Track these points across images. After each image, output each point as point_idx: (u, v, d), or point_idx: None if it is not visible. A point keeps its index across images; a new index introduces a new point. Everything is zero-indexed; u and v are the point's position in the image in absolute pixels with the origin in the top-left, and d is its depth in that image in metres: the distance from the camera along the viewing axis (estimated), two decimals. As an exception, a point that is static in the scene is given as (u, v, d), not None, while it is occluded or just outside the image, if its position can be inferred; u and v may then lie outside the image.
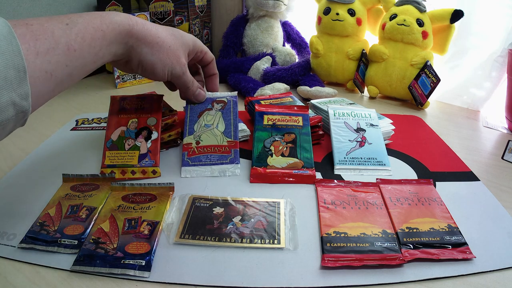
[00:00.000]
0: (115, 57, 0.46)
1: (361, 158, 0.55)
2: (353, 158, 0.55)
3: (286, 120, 0.58)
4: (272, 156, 0.54)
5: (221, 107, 0.59)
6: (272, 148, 0.55)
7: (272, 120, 0.58)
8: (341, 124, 0.60)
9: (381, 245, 0.39)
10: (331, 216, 0.43)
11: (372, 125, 0.60)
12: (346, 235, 0.40)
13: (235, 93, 0.61)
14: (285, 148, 0.55)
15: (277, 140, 0.56)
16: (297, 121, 0.58)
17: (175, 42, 0.50)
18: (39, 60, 0.35)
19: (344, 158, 0.55)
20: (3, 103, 0.32)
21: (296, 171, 0.51)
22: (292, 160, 0.53)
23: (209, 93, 0.60)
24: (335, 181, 0.50)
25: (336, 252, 0.38)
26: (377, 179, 0.50)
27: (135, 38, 0.46)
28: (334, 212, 0.44)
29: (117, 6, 1.01)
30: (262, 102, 0.67)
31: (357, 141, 0.58)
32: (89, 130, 0.66)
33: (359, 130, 0.59)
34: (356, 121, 0.60)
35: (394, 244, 0.39)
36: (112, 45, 0.44)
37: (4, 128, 0.34)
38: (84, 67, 0.41)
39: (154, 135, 0.54)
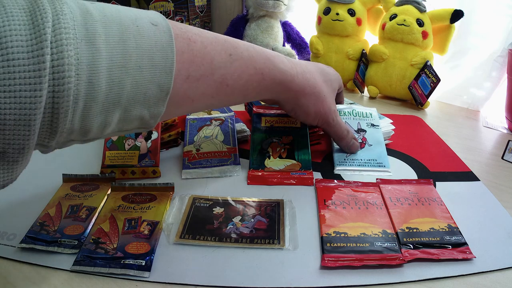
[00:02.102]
0: (262, 100, 0.45)
1: (361, 160, 0.55)
2: (353, 159, 0.55)
3: (284, 122, 0.58)
4: (269, 158, 0.54)
5: (219, 123, 0.61)
6: (269, 150, 0.55)
7: (269, 122, 0.58)
8: None
9: (381, 245, 0.39)
10: (331, 216, 0.43)
11: (373, 125, 0.60)
12: (346, 235, 0.40)
13: (232, 113, 0.64)
14: (282, 150, 0.55)
15: (275, 142, 0.56)
16: (295, 123, 0.58)
17: (328, 90, 0.49)
18: (187, 85, 0.32)
19: (344, 159, 0.55)
20: (131, 117, 0.30)
21: (294, 173, 0.51)
22: (289, 162, 0.53)
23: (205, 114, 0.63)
24: (335, 181, 0.50)
25: (336, 252, 0.38)
26: (377, 179, 0.50)
27: (294, 92, 0.44)
28: (334, 212, 0.44)
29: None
30: (262, 102, 0.67)
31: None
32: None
33: (359, 131, 0.59)
34: (357, 121, 0.60)
35: (394, 244, 0.39)
36: (266, 92, 0.42)
37: (118, 133, 0.32)
38: (227, 102, 0.39)
39: (154, 135, 0.54)
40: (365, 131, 0.59)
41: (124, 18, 0.28)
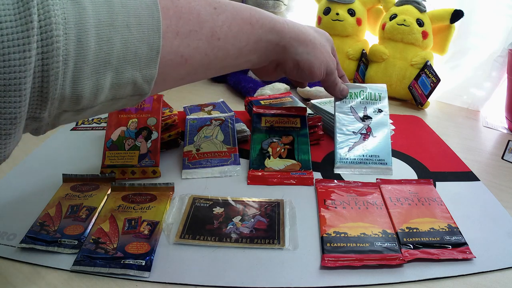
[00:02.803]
0: (260, 60, 0.42)
1: (363, 156, 0.54)
2: (354, 156, 0.54)
3: (284, 122, 0.58)
4: (269, 158, 0.54)
5: (219, 123, 0.60)
6: (269, 149, 0.55)
7: (269, 122, 0.58)
8: (347, 110, 0.57)
9: (381, 245, 0.39)
10: (331, 216, 0.43)
11: (380, 110, 0.57)
12: (346, 235, 0.40)
13: (232, 113, 0.64)
14: (282, 150, 0.55)
15: (275, 142, 0.56)
16: (295, 123, 0.58)
17: (322, 39, 0.49)
18: (177, 41, 0.31)
19: (346, 156, 0.54)
20: (124, 80, 0.29)
21: (294, 173, 0.51)
22: (289, 162, 0.53)
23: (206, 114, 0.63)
24: (335, 181, 0.50)
25: (336, 252, 0.38)
26: (377, 179, 0.50)
27: (289, 37, 0.42)
28: (334, 212, 0.44)
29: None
30: (262, 102, 0.67)
31: (361, 133, 0.56)
32: (89, 130, 0.66)
33: (365, 118, 0.57)
34: (364, 106, 0.58)
35: (394, 244, 0.39)
36: (261, 42, 0.40)
37: (113, 104, 0.31)
38: (223, 61, 0.37)
39: (154, 135, 0.54)
40: (371, 118, 0.57)
41: None
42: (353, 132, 0.56)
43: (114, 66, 0.28)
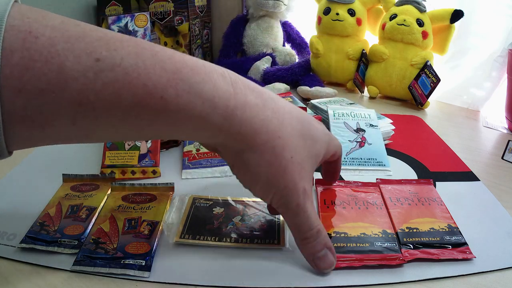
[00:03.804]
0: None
1: (361, 159, 0.55)
2: (353, 158, 0.55)
3: None
4: None
5: None
6: None
7: None
8: (340, 125, 0.60)
9: (381, 245, 0.39)
10: (331, 216, 0.43)
11: (371, 125, 0.60)
12: (346, 235, 0.40)
13: None
14: None
15: None
16: None
17: (303, 153, 0.30)
18: (21, 101, 0.21)
19: (344, 158, 0.55)
20: None
21: None
22: None
23: None
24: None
25: (336, 252, 0.38)
26: (377, 179, 0.50)
27: (234, 136, 0.27)
28: (334, 212, 0.44)
29: (117, 6, 1.01)
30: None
31: (356, 141, 0.58)
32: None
33: (358, 130, 0.59)
34: (356, 121, 0.60)
35: (394, 244, 0.39)
36: (178, 130, 0.27)
37: None
38: (109, 137, 0.27)
39: (154, 135, 0.54)
40: (364, 130, 0.59)
41: None
42: (348, 140, 0.58)
43: None
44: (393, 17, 0.82)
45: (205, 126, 0.26)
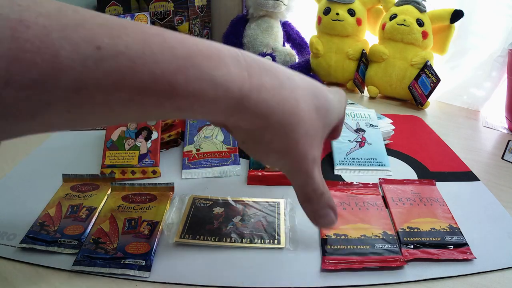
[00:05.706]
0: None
1: (361, 159, 0.55)
2: (353, 158, 0.55)
3: None
4: None
5: None
6: None
7: None
8: None
9: (381, 247, 0.38)
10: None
11: (371, 125, 0.60)
12: (346, 237, 0.40)
13: None
14: None
15: None
16: None
17: (316, 124, 0.29)
18: (7, 91, 0.19)
19: (344, 158, 0.55)
20: None
21: None
22: None
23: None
24: (339, 182, 0.50)
25: (336, 254, 0.38)
26: (379, 178, 0.50)
27: (247, 117, 0.26)
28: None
29: (117, 6, 1.01)
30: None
31: (356, 142, 0.58)
32: (89, 130, 0.66)
33: (358, 130, 0.59)
34: (356, 121, 0.60)
35: (395, 246, 0.39)
36: (188, 112, 0.25)
37: None
38: (108, 121, 0.25)
39: (154, 135, 0.54)
40: (364, 130, 0.59)
41: None
42: (348, 140, 0.58)
43: None
44: (393, 17, 0.82)
45: (217, 110, 0.25)
